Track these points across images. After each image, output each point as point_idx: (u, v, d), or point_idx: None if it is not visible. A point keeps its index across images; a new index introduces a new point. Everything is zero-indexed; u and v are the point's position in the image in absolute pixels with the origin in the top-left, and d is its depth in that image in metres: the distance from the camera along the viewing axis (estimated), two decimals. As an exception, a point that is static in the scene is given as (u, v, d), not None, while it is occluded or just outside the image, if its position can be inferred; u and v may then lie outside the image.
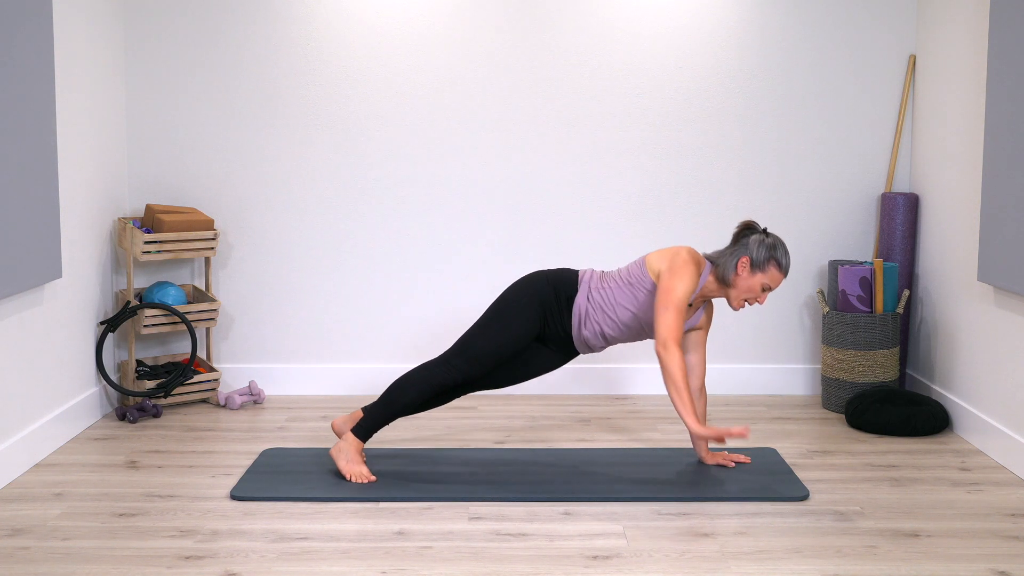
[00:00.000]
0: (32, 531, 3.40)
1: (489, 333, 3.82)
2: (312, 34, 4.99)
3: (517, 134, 5.04)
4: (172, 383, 4.76)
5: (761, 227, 3.82)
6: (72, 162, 4.42)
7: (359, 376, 5.15)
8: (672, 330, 3.64)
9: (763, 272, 3.75)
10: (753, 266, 3.74)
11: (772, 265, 3.75)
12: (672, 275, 3.70)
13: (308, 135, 5.04)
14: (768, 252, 3.74)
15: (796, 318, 5.17)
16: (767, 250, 3.74)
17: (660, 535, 3.37)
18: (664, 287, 3.69)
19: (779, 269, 3.76)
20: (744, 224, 3.81)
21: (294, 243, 5.08)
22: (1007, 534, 3.40)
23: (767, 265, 3.75)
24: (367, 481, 3.80)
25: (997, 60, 4.09)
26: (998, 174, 4.07)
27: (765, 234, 3.78)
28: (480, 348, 3.82)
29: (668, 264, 3.74)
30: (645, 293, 3.78)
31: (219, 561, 3.16)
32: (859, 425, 4.52)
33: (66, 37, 4.36)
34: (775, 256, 3.74)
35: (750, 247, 3.75)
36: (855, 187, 5.09)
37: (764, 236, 3.77)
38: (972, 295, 4.42)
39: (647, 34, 5.00)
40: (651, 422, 4.67)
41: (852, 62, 5.02)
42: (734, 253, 3.77)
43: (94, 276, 4.68)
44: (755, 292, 3.77)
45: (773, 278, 3.76)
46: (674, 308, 3.65)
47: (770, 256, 3.74)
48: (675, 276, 3.69)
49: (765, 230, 3.80)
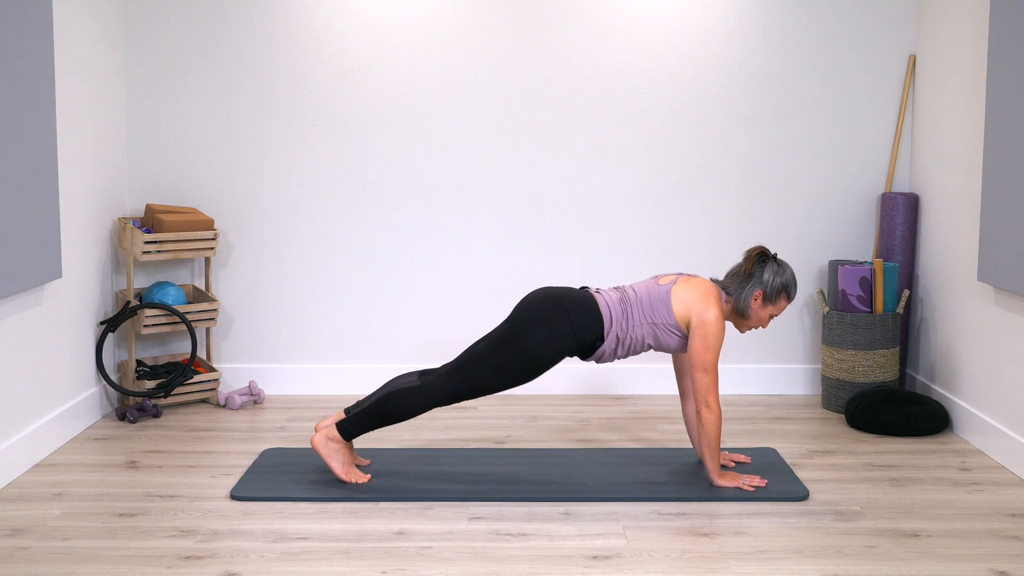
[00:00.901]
0: (32, 531, 3.40)
1: (500, 368, 3.67)
2: (312, 34, 4.99)
3: (517, 134, 5.04)
4: (172, 383, 4.76)
5: (772, 254, 3.79)
6: (72, 162, 4.42)
7: (359, 376, 5.15)
8: (712, 388, 3.69)
9: (773, 304, 3.79)
10: (765, 299, 3.77)
11: (783, 298, 3.79)
12: (707, 335, 3.67)
13: (308, 135, 5.04)
14: (781, 288, 3.76)
15: (796, 318, 5.17)
16: (780, 286, 3.76)
17: (660, 535, 3.37)
18: (701, 347, 3.67)
19: (788, 301, 3.81)
20: (757, 253, 3.76)
21: (294, 243, 5.09)
22: (1007, 534, 3.40)
23: (778, 299, 3.78)
24: (362, 482, 3.80)
25: (997, 60, 4.09)
26: (998, 174, 4.07)
27: (777, 263, 3.76)
28: (485, 379, 3.69)
29: (699, 318, 3.68)
30: (669, 335, 3.74)
31: (219, 561, 3.16)
32: (859, 425, 4.52)
33: (66, 37, 4.36)
34: (787, 290, 3.78)
35: (764, 281, 3.75)
36: (855, 187, 5.09)
37: (777, 267, 3.76)
38: (972, 295, 4.42)
39: (647, 34, 5.00)
40: (651, 422, 4.67)
41: (852, 62, 5.02)
42: (748, 285, 3.76)
43: (94, 276, 4.68)
44: (763, 322, 3.82)
45: (781, 308, 3.81)
46: (713, 369, 3.69)
47: (782, 290, 3.77)
48: (711, 336, 3.67)
49: (775, 257, 3.78)
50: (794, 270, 5.12)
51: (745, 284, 3.75)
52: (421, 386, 3.72)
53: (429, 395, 3.71)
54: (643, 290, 3.75)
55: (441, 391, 3.71)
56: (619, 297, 3.76)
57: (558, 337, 3.67)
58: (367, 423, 3.77)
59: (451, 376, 3.71)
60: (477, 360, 3.70)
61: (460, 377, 3.70)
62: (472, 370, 3.69)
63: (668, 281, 3.77)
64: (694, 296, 3.71)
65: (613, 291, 3.78)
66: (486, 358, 3.69)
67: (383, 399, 3.74)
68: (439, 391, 3.71)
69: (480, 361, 3.69)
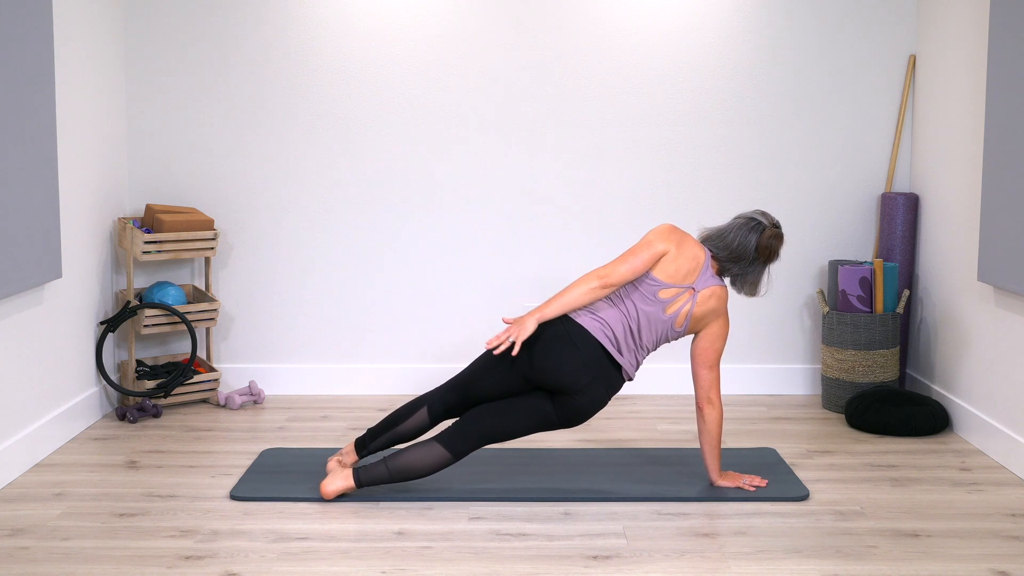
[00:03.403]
0: (32, 531, 3.40)
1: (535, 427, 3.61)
2: (312, 35, 4.99)
3: (517, 134, 5.04)
4: (172, 383, 4.76)
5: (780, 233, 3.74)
6: (72, 162, 4.42)
7: (359, 376, 5.15)
8: (716, 385, 3.69)
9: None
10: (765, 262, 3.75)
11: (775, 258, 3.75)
12: (714, 337, 3.67)
13: (308, 135, 5.04)
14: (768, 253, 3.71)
15: (796, 318, 5.17)
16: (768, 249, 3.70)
17: (660, 535, 3.37)
18: (707, 346, 3.67)
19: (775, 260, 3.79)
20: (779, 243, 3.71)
21: (294, 243, 5.09)
22: (1007, 534, 3.40)
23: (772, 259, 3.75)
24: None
25: (997, 60, 4.09)
26: (998, 174, 4.07)
27: (775, 227, 3.71)
28: (516, 434, 3.62)
29: (708, 326, 3.66)
30: (675, 333, 3.72)
31: (219, 561, 3.16)
32: (859, 425, 4.52)
33: (66, 37, 4.36)
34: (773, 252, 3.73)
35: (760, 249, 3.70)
36: (855, 187, 5.09)
37: (776, 230, 3.71)
38: (972, 295, 4.42)
39: (647, 35, 5.00)
40: (651, 422, 4.67)
41: (852, 62, 5.02)
42: (761, 270, 3.72)
43: (94, 276, 4.68)
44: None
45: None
46: (718, 366, 3.69)
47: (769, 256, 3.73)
48: (717, 338, 3.67)
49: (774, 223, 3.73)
50: (793, 270, 5.12)
51: (760, 270, 3.71)
52: (451, 459, 3.60)
53: (456, 461, 3.63)
54: (660, 333, 3.64)
55: (467, 454, 3.65)
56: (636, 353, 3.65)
57: (599, 404, 3.61)
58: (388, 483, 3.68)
59: (479, 442, 3.61)
60: (512, 431, 3.60)
61: (488, 441, 3.62)
62: (503, 437, 3.61)
63: (682, 319, 3.62)
64: (710, 314, 3.65)
65: (632, 343, 3.63)
66: (525, 428, 3.61)
67: (411, 475, 3.62)
68: (465, 455, 3.63)
69: (516, 432, 3.61)
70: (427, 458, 3.59)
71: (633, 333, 3.62)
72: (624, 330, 3.60)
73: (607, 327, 3.59)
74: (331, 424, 4.64)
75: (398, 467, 3.61)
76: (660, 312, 3.61)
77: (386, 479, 3.62)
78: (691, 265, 3.64)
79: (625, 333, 3.61)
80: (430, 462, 3.59)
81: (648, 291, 3.61)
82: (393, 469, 3.61)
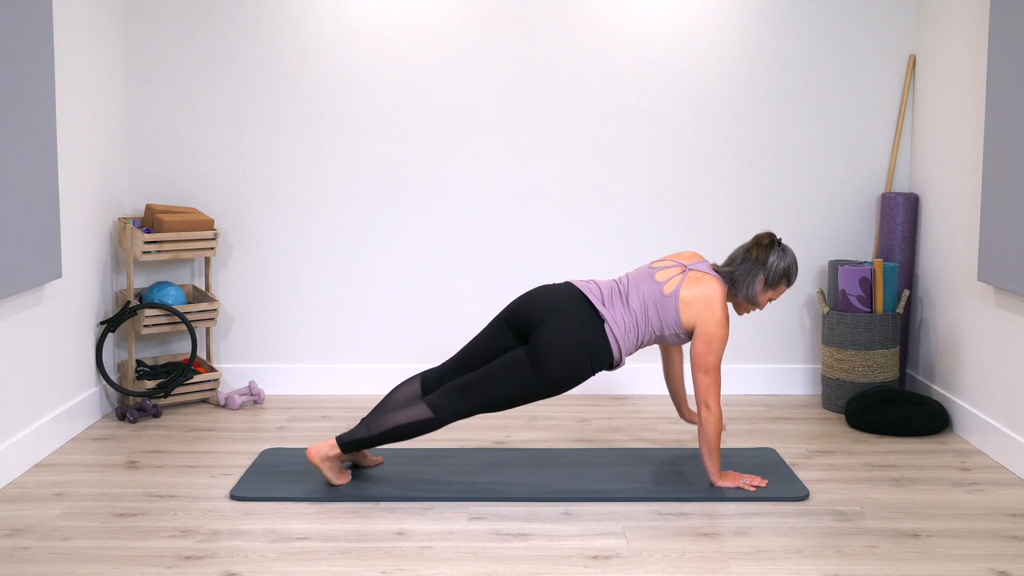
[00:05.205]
0: (32, 531, 3.40)
1: (517, 395, 3.67)
2: (314, 35, 4.99)
3: (520, 136, 5.04)
4: (172, 383, 4.76)
5: (777, 239, 3.82)
6: (72, 162, 4.42)
7: (359, 376, 5.15)
8: (712, 389, 3.71)
9: (773, 289, 3.83)
10: (767, 285, 3.80)
11: (783, 283, 3.83)
12: (711, 339, 3.69)
13: (309, 135, 5.04)
14: (783, 273, 3.80)
15: (796, 318, 5.17)
16: (783, 271, 3.80)
17: (660, 535, 3.37)
18: (704, 350, 3.69)
19: (788, 286, 3.85)
20: (768, 241, 3.78)
21: (294, 243, 5.09)
22: (1007, 534, 3.40)
23: (779, 284, 3.82)
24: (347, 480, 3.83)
25: (997, 60, 4.09)
26: (998, 174, 4.07)
27: (781, 248, 3.80)
28: (498, 403, 3.68)
29: (705, 322, 3.69)
30: (674, 339, 3.77)
31: (219, 561, 3.16)
32: (859, 425, 4.52)
33: (66, 37, 4.36)
34: (788, 276, 3.82)
35: (768, 266, 3.77)
36: (855, 187, 5.09)
37: (781, 252, 3.80)
38: (972, 295, 4.42)
39: (648, 36, 5.00)
40: (651, 422, 4.67)
41: (852, 62, 5.02)
42: (753, 272, 3.78)
43: (94, 276, 4.68)
44: (760, 305, 3.85)
45: (780, 292, 3.86)
46: (715, 370, 3.70)
47: (783, 276, 3.81)
48: (715, 340, 3.69)
49: (780, 242, 3.81)
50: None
51: (751, 271, 3.78)
52: (432, 418, 3.67)
53: (438, 424, 3.68)
54: (648, 296, 3.73)
55: (450, 416, 3.68)
56: (624, 313, 3.73)
57: (578, 375, 3.69)
58: (371, 444, 3.74)
59: (461, 400, 3.67)
60: (492, 386, 3.67)
61: (471, 402, 3.67)
62: (485, 394, 3.67)
63: (672, 286, 3.73)
64: (701, 300, 3.71)
65: (618, 303, 3.74)
66: (503, 385, 3.67)
67: (390, 432, 3.69)
68: (448, 417, 3.68)
69: (496, 388, 3.66)
70: (407, 416, 3.68)
71: (621, 294, 3.76)
72: (610, 290, 3.78)
73: (593, 284, 3.80)
74: (331, 424, 4.64)
75: (379, 425, 3.69)
76: (650, 279, 3.77)
77: (366, 436, 3.69)
78: (692, 260, 3.85)
79: (611, 292, 3.77)
80: (409, 419, 3.67)
81: (647, 273, 3.81)
82: (374, 428, 3.69)
